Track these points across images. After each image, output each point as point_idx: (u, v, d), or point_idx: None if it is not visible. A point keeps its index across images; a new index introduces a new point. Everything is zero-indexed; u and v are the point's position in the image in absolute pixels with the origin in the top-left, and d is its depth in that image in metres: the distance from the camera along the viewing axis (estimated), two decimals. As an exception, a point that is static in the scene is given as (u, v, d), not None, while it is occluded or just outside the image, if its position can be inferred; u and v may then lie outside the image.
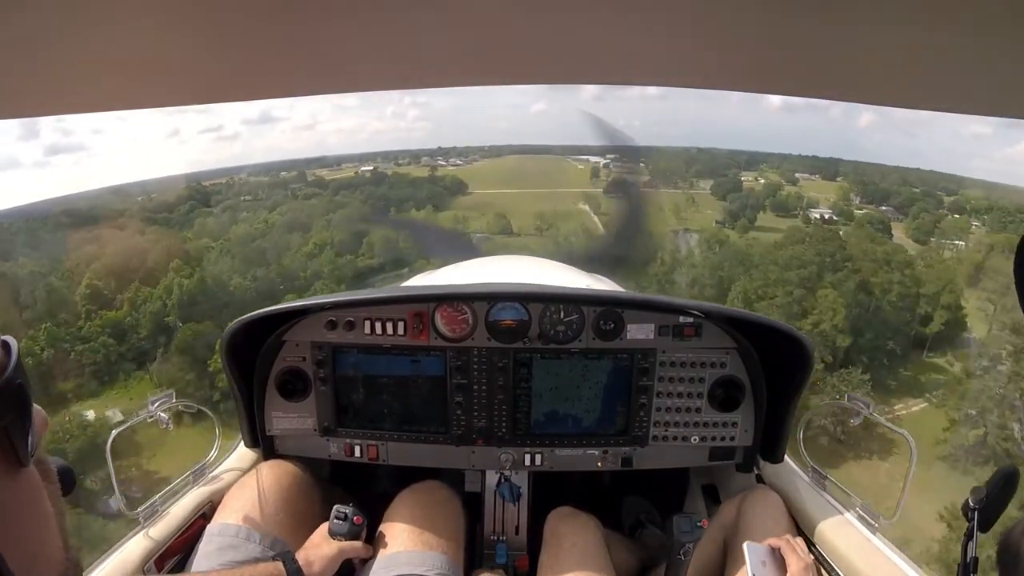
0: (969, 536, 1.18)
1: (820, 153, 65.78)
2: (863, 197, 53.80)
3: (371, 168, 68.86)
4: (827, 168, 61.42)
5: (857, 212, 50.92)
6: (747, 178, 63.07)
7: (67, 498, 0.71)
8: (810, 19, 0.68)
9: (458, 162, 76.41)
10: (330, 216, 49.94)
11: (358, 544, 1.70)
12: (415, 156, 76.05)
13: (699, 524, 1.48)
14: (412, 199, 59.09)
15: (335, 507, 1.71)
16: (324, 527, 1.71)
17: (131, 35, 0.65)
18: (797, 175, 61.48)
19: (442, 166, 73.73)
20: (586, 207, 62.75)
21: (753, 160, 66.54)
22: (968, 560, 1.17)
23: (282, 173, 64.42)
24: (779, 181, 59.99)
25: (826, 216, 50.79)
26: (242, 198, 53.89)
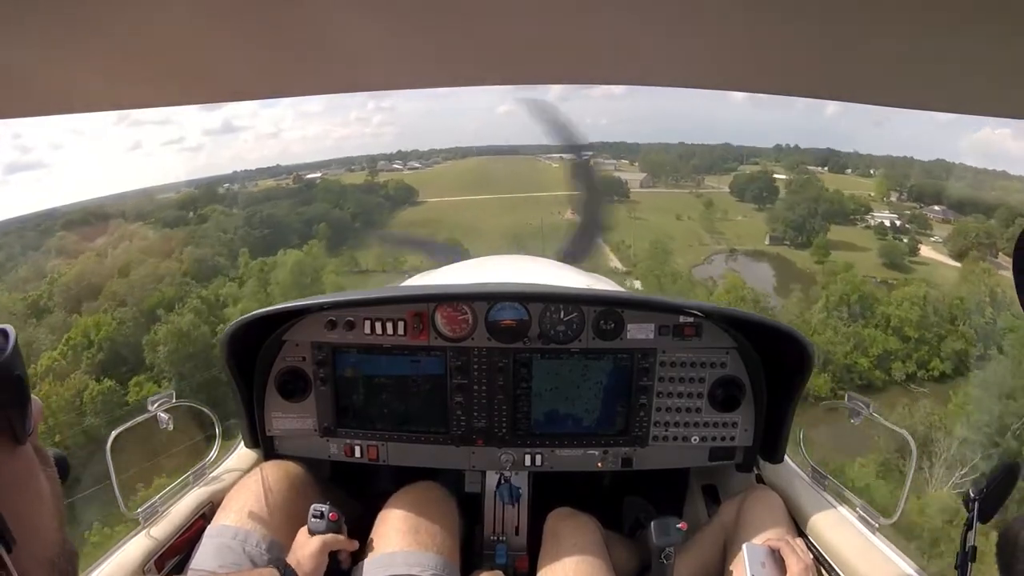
0: (969, 526, 1.20)
1: (801, 144, 59.05)
2: (906, 195, 43.94)
3: (290, 177, 57.42)
4: (832, 161, 53.55)
5: (920, 216, 39.77)
6: (750, 171, 54.41)
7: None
8: (810, 19, 0.68)
9: (416, 165, 68.33)
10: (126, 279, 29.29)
11: (340, 536, 1.71)
12: (372, 161, 67.51)
13: (678, 526, 1.47)
14: (326, 219, 45.75)
15: (312, 506, 1.72)
16: (304, 529, 1.73)
17: (125, 35, 0.66)
18: (811, 168, 52.46)
19: (397, 170, 65.16)
20: (577, 218, 53.83)
21: (745, 153, 59.35)
22: (967, 549, 1.19)
23: (226, 186, 54.56)
24: (796, 177, 50.05)
25: (898, 224, 40.47)
26: (135, 225, 38.94)
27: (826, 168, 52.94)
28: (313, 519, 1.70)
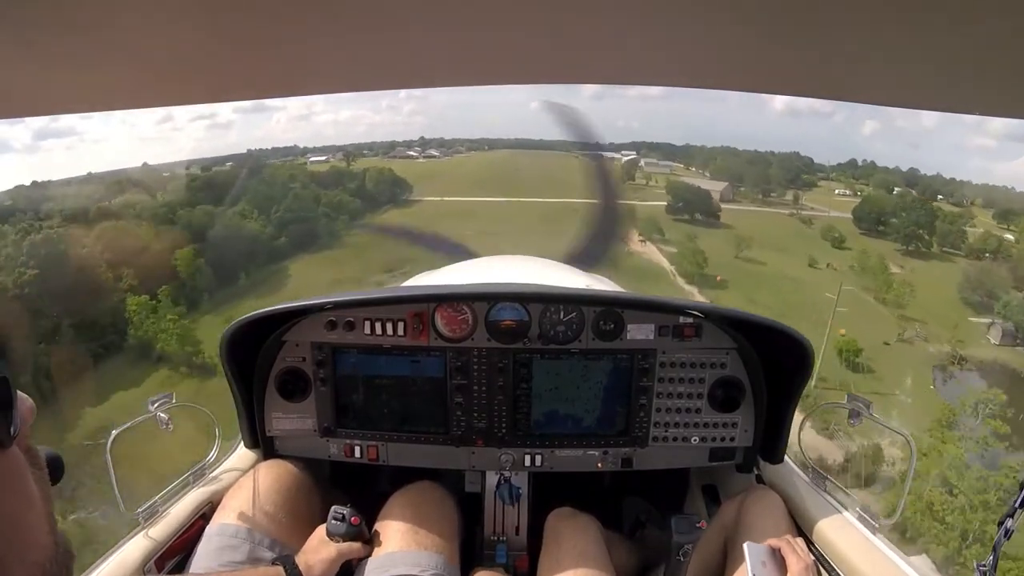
0: (1011, 513, 1.20)
1: (878, 161, 48.23)
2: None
3: (227, 167, 44.55)
4: (923, 185, 41.15)
5: None
6: (842, 192, 40.81)
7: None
8: (810, 19, 0.68)
9: (434, 153, 59.41)
10: None
11: (356, 545, 1.70)
12: (390, 147, 59.90)
13: (698, 524, 1.48)
14: (214, 240, 29.56)
15: (332, 508, 1.71)
16: (321, 529, 1.71)
17: (134, 34, 0.66)
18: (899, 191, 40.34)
19: (412, 158, 56.50)
20: (645, 245, 31.98)
21: (815, 168, 47.92)
22: (1007, 529, 1.20)
23: (229, 164, 44.63)
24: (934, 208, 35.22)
25: None
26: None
27: (913, 191, 41.40)
28: (333, 521, 1.68)
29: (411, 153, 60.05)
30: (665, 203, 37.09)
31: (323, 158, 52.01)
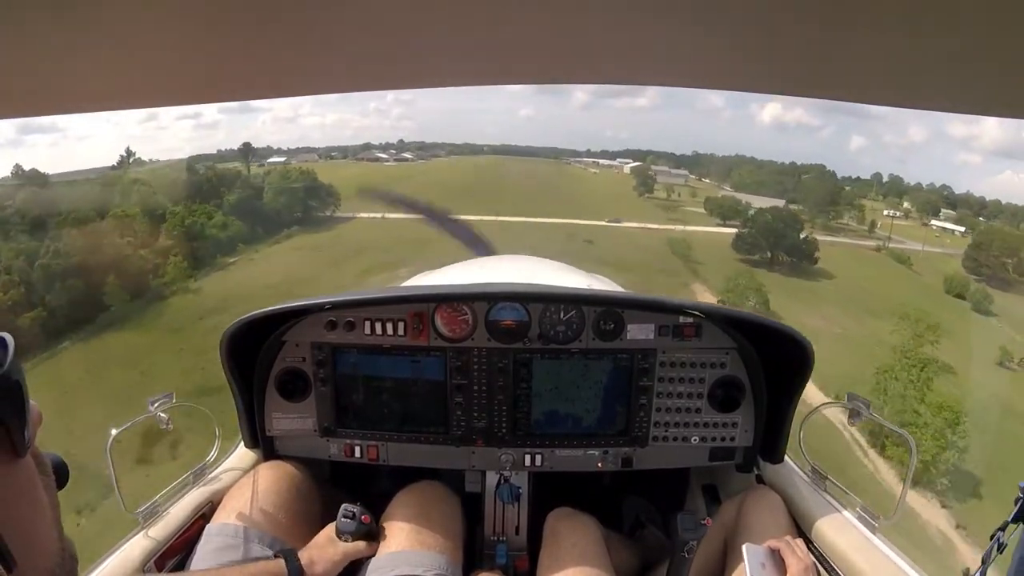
0: (1003, 527, 1.18)
1: (904, 176, 43.73)
2: None
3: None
4: (960, 204, 36.30)
5: None
6: (892, 214, 35.05)
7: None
8: (810, 19, 0.68)
9: (407, 157, 55.16)
10: None
11: (362, 545, 1.70)
12: (362, 148, 55.25)
13: (703, 522, 1.47)
14: None
15: (343, 506, 1.70)
16: (331, 528, 1.71)
17: (129, 34, 0.66)
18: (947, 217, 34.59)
19: (381, 160, 51.68)
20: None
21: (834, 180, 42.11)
22: (997, 542, 1.19)
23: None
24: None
25: None
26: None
27: (953, 211, 36.00)
28: (344, 519, 1.68)
29: (381, 156, 53.65)
30: (733, 232, 26.81)
31: (282, 159, 43.99)
